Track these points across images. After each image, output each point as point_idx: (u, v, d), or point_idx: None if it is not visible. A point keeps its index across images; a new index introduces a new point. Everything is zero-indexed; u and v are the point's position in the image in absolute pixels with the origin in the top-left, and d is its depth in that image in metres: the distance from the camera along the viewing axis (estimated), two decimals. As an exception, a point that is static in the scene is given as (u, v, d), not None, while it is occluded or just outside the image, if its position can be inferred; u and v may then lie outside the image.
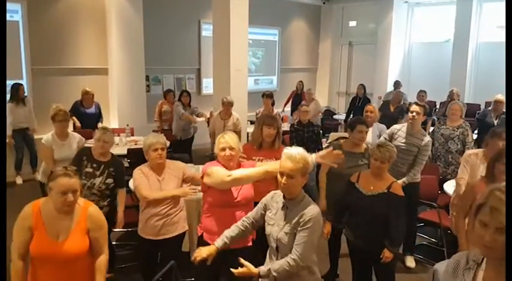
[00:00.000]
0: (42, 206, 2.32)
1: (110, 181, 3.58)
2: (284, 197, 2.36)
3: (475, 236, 1.37)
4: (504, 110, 6.08)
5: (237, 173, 2.62)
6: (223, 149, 2.72)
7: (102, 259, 2.39)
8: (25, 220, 2.28)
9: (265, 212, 2.47)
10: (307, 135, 5.23)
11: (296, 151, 2.26)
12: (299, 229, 2.23)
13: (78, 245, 2.30)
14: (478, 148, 4.50)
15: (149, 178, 3.18)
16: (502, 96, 6.03)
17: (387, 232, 2.95)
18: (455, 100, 6.99)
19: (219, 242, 2.46)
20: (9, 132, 6.46)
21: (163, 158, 3.19)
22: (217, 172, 2.66)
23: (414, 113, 4.13)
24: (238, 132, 5.86)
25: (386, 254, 2.94)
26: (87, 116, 6.54)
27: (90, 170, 3.54)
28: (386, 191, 2.98)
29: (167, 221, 3.16)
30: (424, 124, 6.16)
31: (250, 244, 2.81)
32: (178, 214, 3.23)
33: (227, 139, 2.73)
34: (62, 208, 2.25)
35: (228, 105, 6.17)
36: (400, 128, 4.28)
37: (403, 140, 4.15)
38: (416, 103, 4.38)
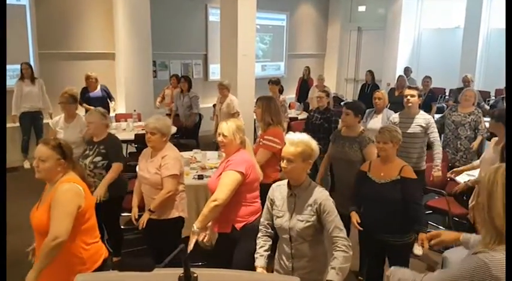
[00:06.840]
0: None
1: (97, 159, 3.61)
2: (290, 186, 2.36)
3: None
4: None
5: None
6: (218, 135, 2.87)
7: (45, 241, 2.16)
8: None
9: (272, 206, 2.45)
10: (318, 122, 5.11)
11: (297, 136, 2.33)
12: (323, 216, 2.25)
13: (39, 217, 2.24)
14: (491, 135, 4.47)
15: (144, 158, 3.27)
16: None
17: (409, 217, 2.89)
18: (469, 86, 6.93)
19: (261, 262, 2.43)
20: (15, 112, 6.37)
21: (150, 141, 3.15)
22: None
23: (409, 97, 4.22)
24: (233, 115, 5.98)
25: (421, 237, 2.79)
26: (92, 100, 6.51)
27: (86, 152, 3.70)
28: (399, 177, 2.94)
29: (147, 202, 3.22)
30: (428, 110, 6.20)
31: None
32: (166, 201, 3.13)
33: (222, 126, 2.86)
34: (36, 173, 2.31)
35: (221, 88, 6.33)
36: (398, 115, 4.36)
37: (406, 125, 4.16)
38: (409, 87, 4.41)
